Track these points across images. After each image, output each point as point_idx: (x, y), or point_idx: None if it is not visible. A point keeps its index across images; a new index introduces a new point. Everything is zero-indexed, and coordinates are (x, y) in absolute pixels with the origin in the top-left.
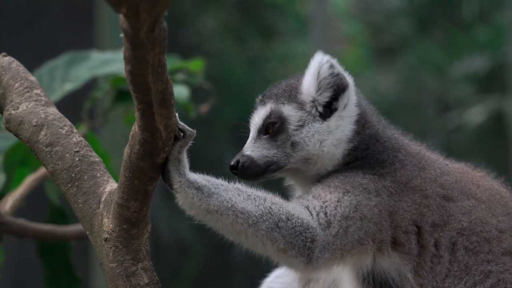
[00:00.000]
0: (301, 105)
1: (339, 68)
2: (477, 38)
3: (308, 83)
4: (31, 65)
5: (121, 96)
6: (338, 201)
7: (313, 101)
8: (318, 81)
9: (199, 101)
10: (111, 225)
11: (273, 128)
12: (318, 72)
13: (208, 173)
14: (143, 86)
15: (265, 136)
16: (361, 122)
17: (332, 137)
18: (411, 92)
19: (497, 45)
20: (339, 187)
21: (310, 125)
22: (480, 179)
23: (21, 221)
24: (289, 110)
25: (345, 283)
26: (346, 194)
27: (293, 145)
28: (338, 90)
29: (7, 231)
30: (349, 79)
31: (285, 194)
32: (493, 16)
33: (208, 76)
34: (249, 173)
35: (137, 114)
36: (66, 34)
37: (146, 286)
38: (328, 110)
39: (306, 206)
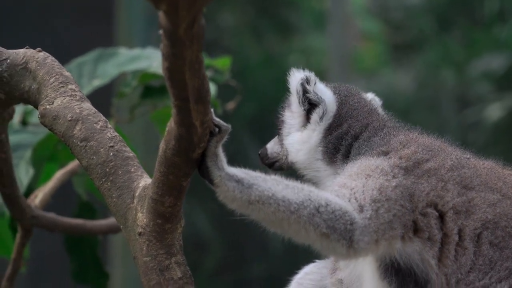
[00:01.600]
0: (293, 114)
1: (313, 85)
2: (496, 37)
3: (292, 97)
4: None
5: (148, 92)
6: (363, 186)
7: (296, 112)
8: (297, 96)
9: (224, 98)
10: (145, 220)
11: (279, 128)
12: (296, 89)
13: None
14: (180, 82)
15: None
16: (337, 123)
17: (306, 146)
18: (429, 90)
19: None
20: (359, 173)
21: (293, 134)
22: (508, 176)
23: (51, 215)
24: (286, 116)
25: (366, 276)
26: (368, 178)
27: (285, 148)
28: (312, 104)
29: (37, 225)
30: (325, 94)
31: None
32: None
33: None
34: (266, 163)
35: (173, 110)
36: (83, 31)
37: (179, 280)
38: (306, 121)
39: (337, 195)
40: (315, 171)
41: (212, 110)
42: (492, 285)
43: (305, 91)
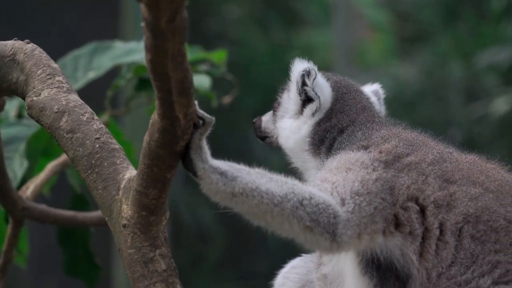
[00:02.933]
0: (289, 100)
1: (311, 80)
2: (503, 30)
3: (292, 85)
4: (55, 55)
5: (143, 84)
6: (344, 180)
7: (293, 100)
8: (296, 86)
9: (223, 90)
10: (129, 212)
11: (275, 108)
12: (296, 79)
13: (231, 161)
14: (163, 75)
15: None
16: (327, 117)
17: (295, 136)
18: (436, 82)
19: None
20: (340, 167)
21: (286, 119)
22: (491, 170)
23: (42, 207)
24: (283, 99)
25: (348, 271)
26: (348, 171)
27: (277, 129)
28: (308, 97)
29: (28, 216)
30: (323, 90)
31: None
32: None
33: (231, 64)
34: (258, 135)
35: (157, 103)
36: (90, 24)
37: (164, 272)
38: (301, 111)
39: (319, 189)
40: (302, 161)
41: (196, 102)
42: (474, 279)
43: (304, 83)
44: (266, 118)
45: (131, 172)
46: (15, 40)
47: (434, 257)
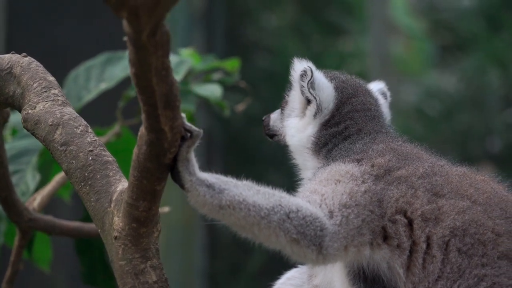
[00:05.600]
0: (295, 99)
1: (307, 81)
2: None
3: (295, 84)
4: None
5: None
6: (333, 192)
7: (298, 99)
8: (299, 87)
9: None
10: (121, 224)
11: (283, 105)
12: (297, 79)
13: (265, 167)
14: (148, 88)
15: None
16: (335, 121)
17: (300, 135)
18: (475, 90)
19: None
20: (330, 179)
21: (293, 118)
22: (480, 182)
23: (49, 218)
24: (290, 98)
25: (337, 282)
26: (338, 183)
27: (284, 128)
28: (308, 98)
29: (34, 227)
30: (323, 90)
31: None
32: None
33: (269, 72)
34: (266, 133)
35: (143, 116)
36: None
37: (154, 284)
38: (304, 111)
39: (308, 201)
40: (304, 159)
41: (183, 115)
42: None
43: (303, 83)
44: (274, 116)
45: (123, 185)
46: (12, 53)
47: (420, 271)
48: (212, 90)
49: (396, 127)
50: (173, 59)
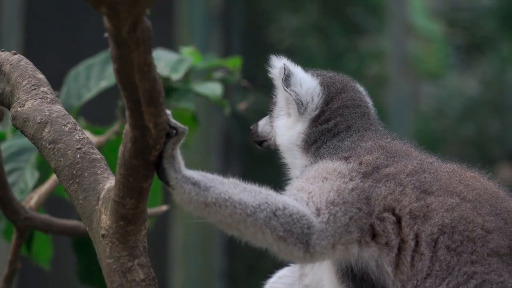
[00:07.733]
0: (282, 98)
1: (281, 79)
2: None
3: (278, 82)
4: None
5: None
6: (320, 189)
7: (284, 97)
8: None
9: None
10: (108, 222)
11: (271, 109)
12: (277, 77)
13: (284, 169)
14: (130, 84)
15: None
16: (325, 117)
17: (289, 132)
18: (494, 92)
19: None
20: (317, 177)
21: (281, 117)
22: (470, 179)
23: (45, 216)
24: (277, 98)
25: (326, 280)
26: (325, 181)
27: (274, 130)
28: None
29: (31, 226)
30: (304, 87)
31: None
32: None
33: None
34: (255, 141)
35: (127, 113)
36: None
37: (142, 282)
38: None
39: (295, 199)
40: (293, 157)
41: (168, 112)
42: None
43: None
44: (262, 122)
45: (111, 182)
46: (2, 51)
47: (409, 269)
48: (213, 89)
49: (415, 128)
50: (172, 57)
